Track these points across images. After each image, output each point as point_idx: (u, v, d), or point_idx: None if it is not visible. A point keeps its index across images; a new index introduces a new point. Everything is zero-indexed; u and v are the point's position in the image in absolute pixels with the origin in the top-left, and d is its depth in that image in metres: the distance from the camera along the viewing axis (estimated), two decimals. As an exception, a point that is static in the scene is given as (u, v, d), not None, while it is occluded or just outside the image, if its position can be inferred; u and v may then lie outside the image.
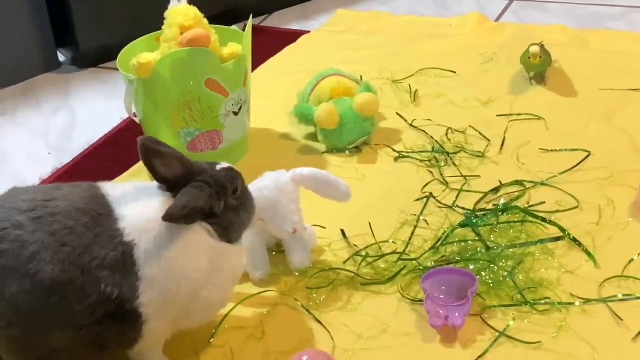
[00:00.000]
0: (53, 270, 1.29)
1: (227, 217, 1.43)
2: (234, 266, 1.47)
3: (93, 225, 1.33)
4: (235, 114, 1.98)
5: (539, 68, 2.28)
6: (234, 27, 2.11)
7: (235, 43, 1.99)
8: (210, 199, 1.40)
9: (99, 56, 2.65)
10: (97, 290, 1.30)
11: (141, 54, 1.93)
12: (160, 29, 1.98)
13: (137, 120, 2.04)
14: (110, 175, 2.03)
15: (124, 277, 1.32)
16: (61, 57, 2.71)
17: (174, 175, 1.40)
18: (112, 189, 1.41)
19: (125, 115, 2.06)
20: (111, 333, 1.34)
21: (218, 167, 1.46)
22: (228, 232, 1.44)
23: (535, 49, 2.23)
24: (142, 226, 1.35)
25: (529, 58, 2.24)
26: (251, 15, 2.03)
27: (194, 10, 1.95)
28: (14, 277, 1.29)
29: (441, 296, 1.56)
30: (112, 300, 1.31)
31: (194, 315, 1.44)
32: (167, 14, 1.95)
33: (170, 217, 1.34)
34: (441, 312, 1.50)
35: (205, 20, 1.97)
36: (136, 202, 1.39)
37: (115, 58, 2.00)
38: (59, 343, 1.32)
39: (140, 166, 2.08)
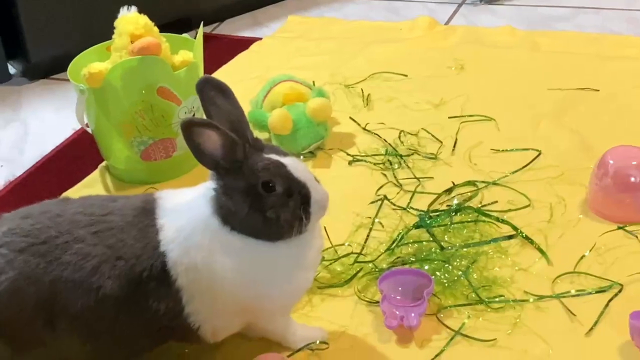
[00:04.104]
0: (112, 287, 1.31)
1: (236, 203, 1.34)
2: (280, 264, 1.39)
3: (141, 237, 1.34)
4: (189, 121, 1.98)
5: None
6: (185, 35, 2.11)
7: (187, 51, 1.99)
8: (228, 150, 1.32)
9: (49, 67, 2.63)
10: (146, 305, 1.33)
11: (92, 64, 1.92)
12: (110, 38, 1.97)
13: (89, 130, 2.03)
14: (64, 187, 2.01)
15: (167, 289, 1.33)
16: (11, 69, 2.69)
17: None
18: (166, 199, 1.40)
19: (78, 126, 2.04)
20: (174, 339, 1.41)
21: (277, 157, 1.40)
22: (232, 218, 1.34)
23: None
24: (171, 236, 1.34)
25: None
26: (202, 22, 2.03)
27: (144, 19, 1.94)
28: (78, 292, 1.30)
29: (397, 297, 1.58)
30: (161, 316, 1.33)
31: (260, 310, 1.42)
32: (117, 22, 1.95)
33: (186, 122, 1.30)
34: (397, 312, 1.51)
35: (156, 29, 1.97)
36: (177, 212, 1.37)
37: (66, 69, 1.99)
38: (137, 346, 1.38)
39: (93, 177, 2.06)
